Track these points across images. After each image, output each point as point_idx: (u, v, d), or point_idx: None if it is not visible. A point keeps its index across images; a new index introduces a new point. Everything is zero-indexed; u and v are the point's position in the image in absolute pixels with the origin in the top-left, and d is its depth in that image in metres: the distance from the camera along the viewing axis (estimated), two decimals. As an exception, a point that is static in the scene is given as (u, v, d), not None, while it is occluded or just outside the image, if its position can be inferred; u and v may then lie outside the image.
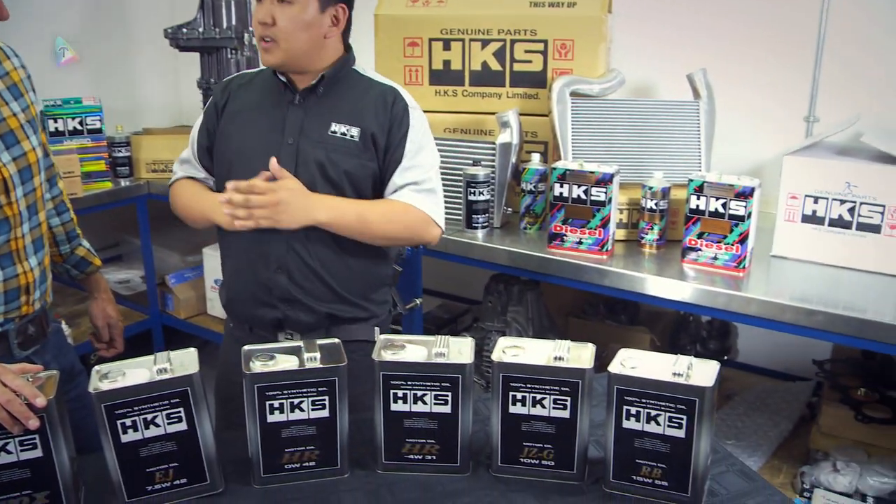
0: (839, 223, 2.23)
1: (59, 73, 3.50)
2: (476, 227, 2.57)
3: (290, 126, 1.86)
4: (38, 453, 1.42)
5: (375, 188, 1.91)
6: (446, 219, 1.98)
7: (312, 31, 1.80)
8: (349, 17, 1.88)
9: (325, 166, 1.84)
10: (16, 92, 1.73)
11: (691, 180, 2.25)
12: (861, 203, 2.19)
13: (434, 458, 1.55)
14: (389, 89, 1.91)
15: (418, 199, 1.88)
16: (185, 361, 1.47)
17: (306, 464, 1.53)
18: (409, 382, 1.50)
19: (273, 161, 1.75)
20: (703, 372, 1.44)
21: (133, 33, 3.99)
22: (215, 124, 1.95)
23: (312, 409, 1.49)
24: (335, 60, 1.89)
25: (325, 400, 1.48)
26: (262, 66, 1.95)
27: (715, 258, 2.24)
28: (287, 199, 1.74)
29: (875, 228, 2.19)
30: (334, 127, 1.85)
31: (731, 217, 2.20)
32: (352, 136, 1.85)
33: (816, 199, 2.25)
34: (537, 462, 1.53)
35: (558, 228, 2.38)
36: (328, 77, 1.86)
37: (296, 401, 1.48)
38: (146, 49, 4.01)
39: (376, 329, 1.99)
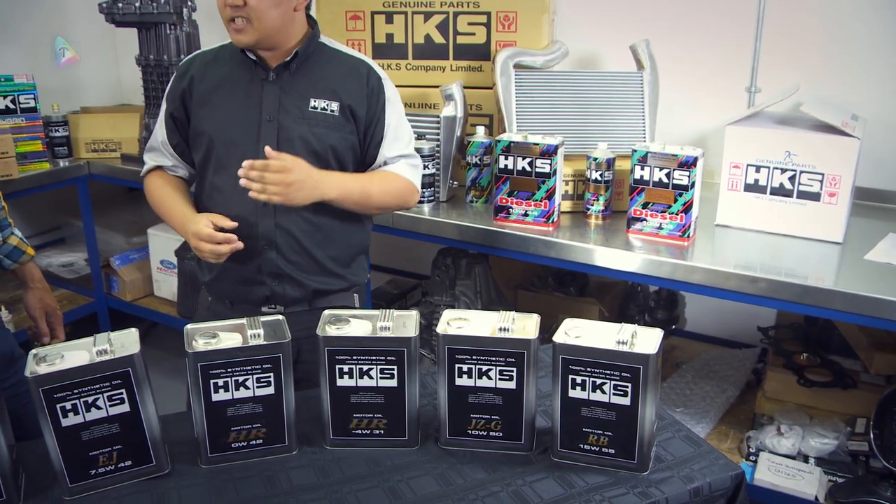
0: (780, 192, 2.26)
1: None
2: (422, 202, 2.56)
3: (268, 103, 1.85)
4: (-27, 442, 1.39)
5: (356, 160, 1.93)
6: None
7: (283, 7, 1.78)
8: None
9: (309, 141, 1.84)
10: None
11: (635, 150, 2.26)
12: (801, 171, 2.22)
13: (382, 432, 1.55)
14: (361, 62, 1.92)
15: (409, 171, 1.98)
16: (125, 342, 1.45)
17: (253, 442, 1.52)
18: (355, 357, 1.49)
19: (268, 149, 1.74)
20: (646, 339, 1.45)
21: (67, 7, 3.87)
22: (181, 108, 1.93)
23: (258, 387, 1.48)
24: (304, 35, 1.88)
25: (269, 377, 1.47)
26: (222, 43, 1.93)
27: (660, 228, 2.26)
28: (300, 178, 1.75)
29: (815, 196, 2.22)
30: (314, 102, 1.86)
31: (675, 187, 2.21)
32: (332, 111, 1.86)
33: (758, 169, 2.28)
34: (485, 434, 1.54)
35: (504, 201, 2.38)
36: (301, 53, 1.85)
37: (240, 379, 1.46)
38: (82, 24, 3.88)
39: (356, 296, 2.02)
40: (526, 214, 2.37)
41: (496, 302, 2.71)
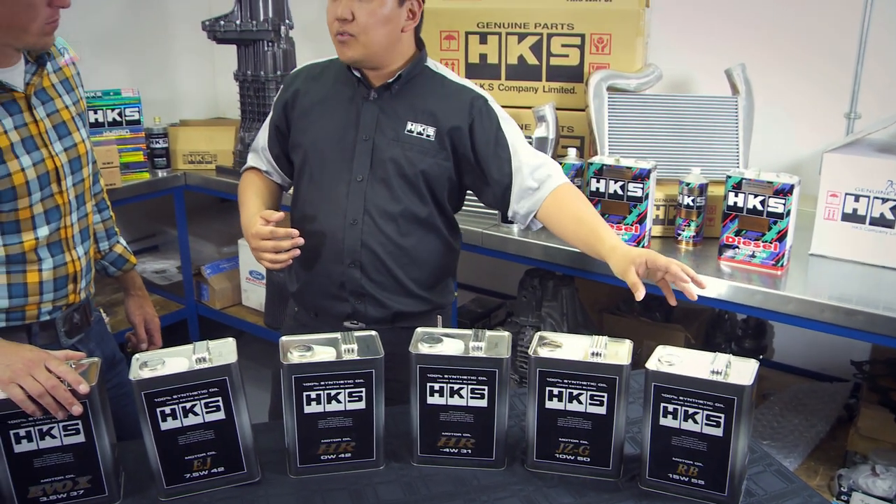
0: (880, 222, 2.19)
1: (99, 64, 3.54)
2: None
3: (365, 123, 1.87)
4: (80, 438, 1.45)
5: (451, 188, 1.94)
6: (482, 213, 1.98)
7: (390, 26, 1.80)
8: (422, 11, 1.88)
9: (401, 164, 1.86)
10: (67, 86, 1.78)
11: (729, 177, 2.23)
12: (903, 202, 2.16)
13: (469, 451, 1.55)
14: (464, 88, 1.92)
15: (560, 174, 1.94)
16: (223, 351, 1.49)
17: (342, 455, 1.54)
18: (446, 376, 1.50)
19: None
20: (741, 370, 1.43)
21: (171, 25, 4.02)
22: (283, 118, 1.98)
23: (349, 401, 1.50)
24: (410, 57, 1.89)
25: (361, 392, 1.49)
26: (331, 58, 1.96)
27: (752, 256, 2.22)
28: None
29: (917, 228, 2.15)
30: (410, 126, 1.87)
31: (770, 214, 2.17)
32: (428, 136, 1.87)
33: (857, 198, 2.22)
34: (573, 458, 1.53)
35: (594, 224, 2.37)
36: (404, 75, 1.87)
37: (333, 392, 1.48)
38: (183, 41, 4.04)
39: (439, 318, 2.02)
40: (616, 238, 2.35)
41: (582, 325, 2.70)
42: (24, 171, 1.62)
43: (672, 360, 1.46)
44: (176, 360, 1.47)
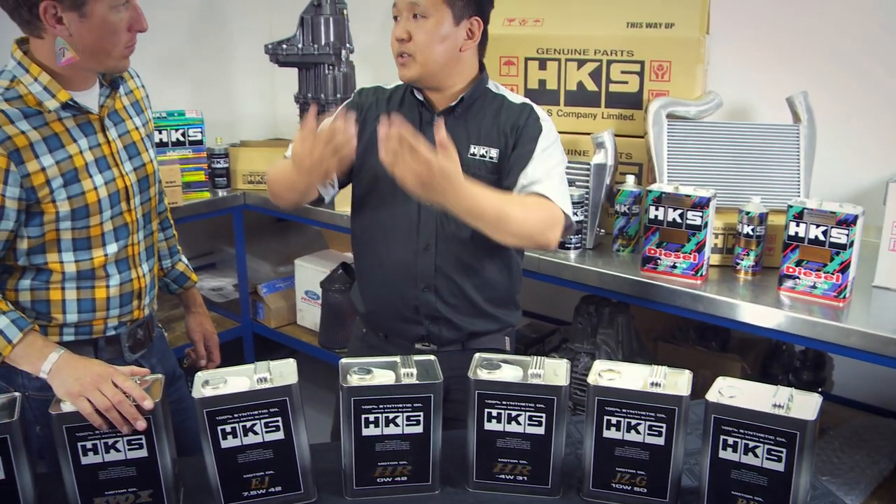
0: (947, 255, 2.15)
1: (164, 86, 3.62)
2: (568, 248, 2.56)
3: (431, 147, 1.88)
4: (143, 453, 1.48)
5: None
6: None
7: (448, 44, 1.82)
8: (485, 32, 1.90)
9: None
10: (137, 108, 1.84)
11: (790, 206, 2.20)
12: (972, 235, 2.11)
13: (525, 479, 1.55)
14: (524, 106, 1.92)
15: (559, 195, 1.82)
16: (284, 372, 1.51)
17: (398, 478, 1.55)
18: (504, 402, 1.50)
19: (442, 131, 1.60)
20: (804, 404, 1.41)
21: (232, 48, 4.11)
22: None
23: (407, 425, 1.51)
24: (471, 80, 1.91)
25: (419, 416, 1.50)
26: (397, 84, 1.97)
27: (814, 287, 2.19)
28: (441, 178, 1.59)
29: None
30: (474, 149, 1.88)
31: (833, 245, 2.14)
32: (490, 158, 1.88)
33: (924, 229, 2.18)
34: (629, 488, 1.52)
35: (652, 252, 2.36)
36: (466, 98, 1.89)
37: (391, 415, 1.49)
38: (245, 63, 4.12)
39: (507, 339, 2.03)
40: (674, 266, 2.33)
41: (638, 353, 2.68)
42: (96, 189, 1.67)
43: (732, 392, 1.45)
44: (238, 380, 1.50)
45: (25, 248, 1.66)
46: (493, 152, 1.88)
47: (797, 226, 2.19)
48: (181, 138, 3.40)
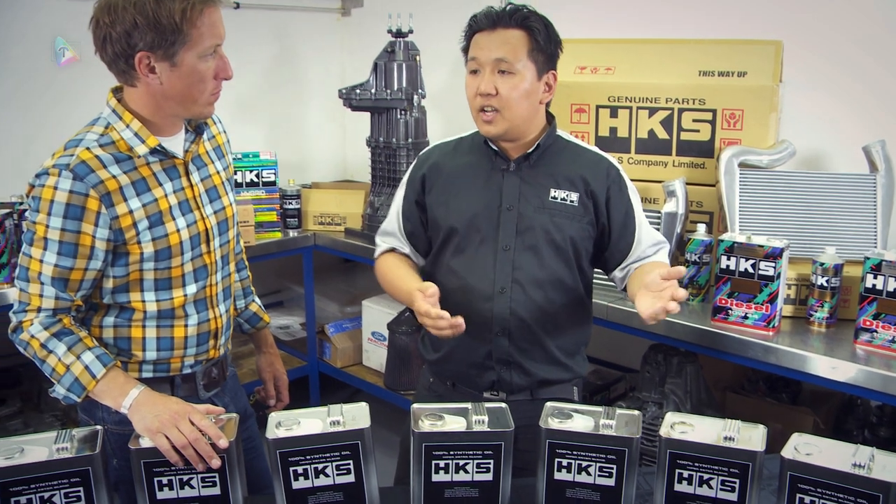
0: None
1: (239, 128, 3.72)
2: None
3: (508, 192, 1.90)
4: (216, 490, 1.51)
5: (588, 254, 1.95)
6: (607, 286, 1.98)
7: (531, 99, 1.85)
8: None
9: (550, 231, 1.88)
10: (219, 153, 1.90)
11: (868, 258, 2.16)
12: None
13: (594, 530, 1.53)
14: (599, 155, 1.97)
15: (667, 259, 2.00)
16: (356, 415, 1.52)
17: (467, 525, 1.54)
18: (574, 452, 1.50)
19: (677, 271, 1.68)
20: (886, 465, 1.37)
21: (306, 92, 4.22)
22: (420, 192, 2.00)
23: (477, 472, 1.51)
24: (543, 128, 1.94)
25: (489, 463, 1.50)
26: (458, 136, 2.02)
27: (892, 341, 2.14)
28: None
29: None
30: (554, 193, 1.90)
31: (912, 299, 2.09)
32: (572, 202, 1.90)
33: None
34: (701, 543, 1.49)
35: (724, 302, 2.33)
36: (542, 144, 1.91)
37: (461, 462, 1.50)
38: (317, 107, 4.23)
39: (575, 389, 2.02)
40: (745, 317, 2.30)
41: (706, 404, 2.63)
42: (179, 231, 1.73)
43: (809, 448, 1.41)
44: (310, 422, 1.52)
45: (111, 287, 1.72)
46: (574, 196, 1.89)
47: (875, 278, 2.15)
48: (255, 179, 3.49)
